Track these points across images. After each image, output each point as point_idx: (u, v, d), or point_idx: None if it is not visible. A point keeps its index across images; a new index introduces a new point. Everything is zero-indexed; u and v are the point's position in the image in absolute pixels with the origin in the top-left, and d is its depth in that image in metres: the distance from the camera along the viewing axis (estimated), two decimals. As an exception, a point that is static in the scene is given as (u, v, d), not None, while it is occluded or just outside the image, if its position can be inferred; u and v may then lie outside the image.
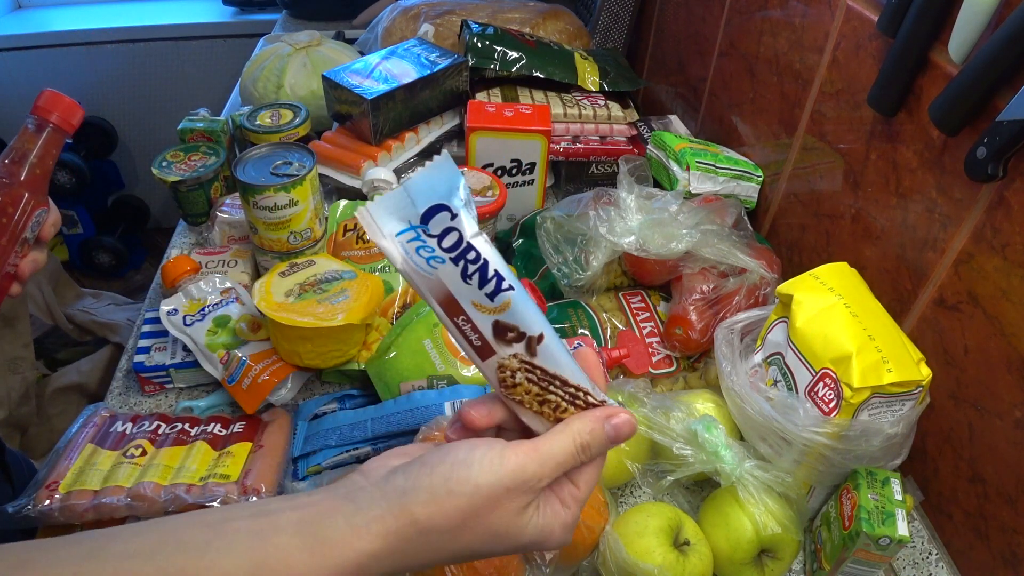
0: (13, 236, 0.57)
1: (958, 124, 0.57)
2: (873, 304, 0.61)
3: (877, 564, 0.57)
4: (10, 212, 0.56)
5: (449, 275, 0.37)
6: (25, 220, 0.57)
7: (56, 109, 0.59)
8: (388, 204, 0.37)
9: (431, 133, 1.02)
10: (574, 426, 0.38)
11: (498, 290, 0.37)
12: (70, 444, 0.63)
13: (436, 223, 0.36)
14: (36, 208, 0.58)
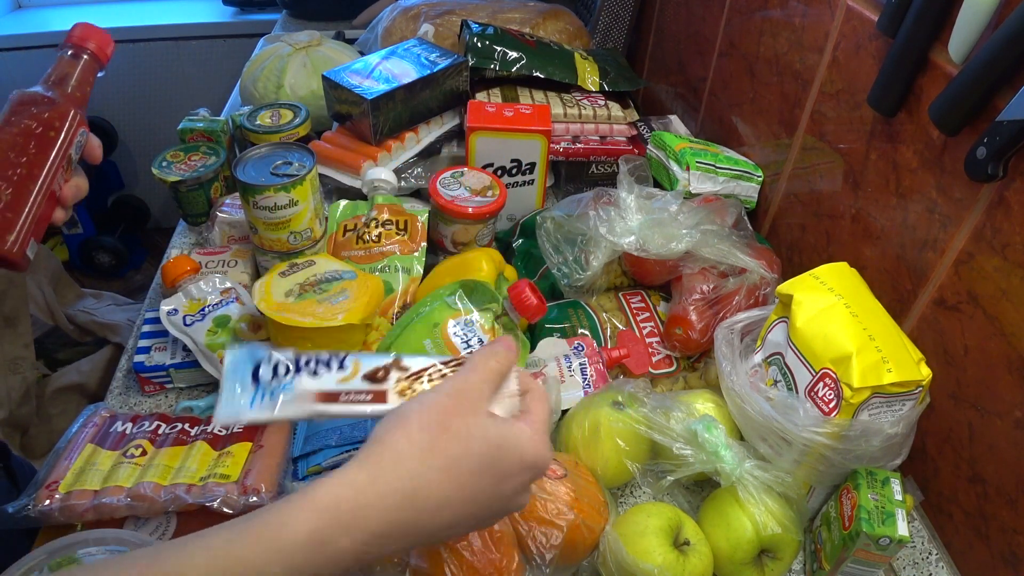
0: (60, 152, 0.55)
1: (958, 124, 0.57)
2: (873, 304, 0.61)
3: (877, 564, 0.57)
4: (57, 127, 0.55)
5: (304, 382, 0.43)
6: (71, 137, 0.55)
7: (93, 38, 0.58)
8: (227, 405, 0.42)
9: (431, 133, 1.02)
10: (474, 356, 0.43)
11: (341, 363, 0.44)
12: (70, 444, 0.63)
13: (264, 374, 0.43)
14: (80, 126, 0.57)
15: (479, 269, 0.78)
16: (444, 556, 0.53)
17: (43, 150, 0.53)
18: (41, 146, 0.53)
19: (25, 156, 0.52)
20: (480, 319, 0.71)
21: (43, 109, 0.54)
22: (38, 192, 0.53)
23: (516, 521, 0.57)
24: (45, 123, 0.54)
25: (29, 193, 0.52)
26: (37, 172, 0.53)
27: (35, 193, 0.53)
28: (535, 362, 0.73)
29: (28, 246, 0.52)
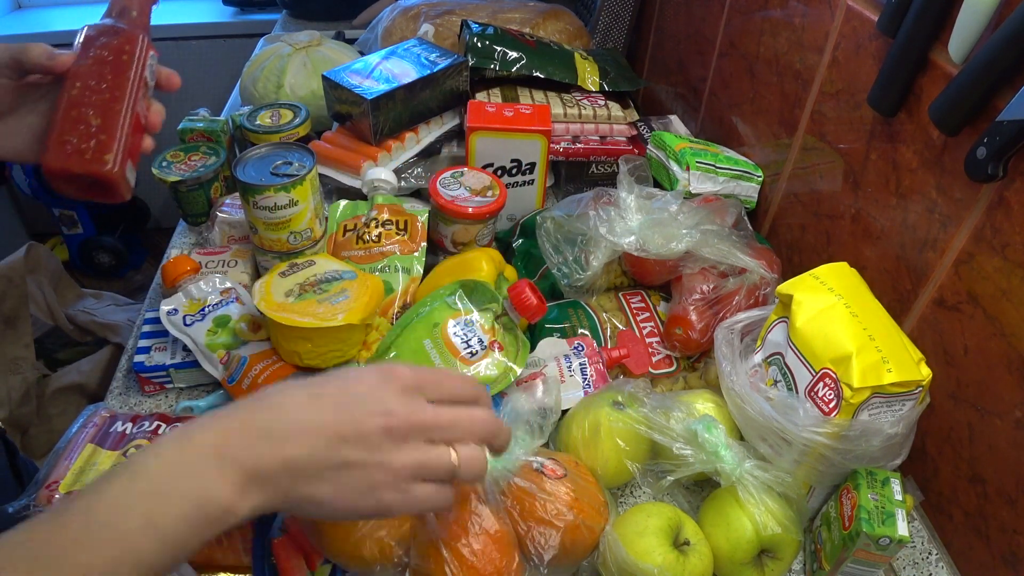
0: (136, 75, 0.56)
1: (958, 124, 0.57)
2: (873, 304, 0.61)
3: (877, 564, 0.57)
4: (128, 51, 0.56)
5: None
6: (143, 60, 0.57)
7: None
8: None
9: (431, 133, 1.02)
10: None
11: None
12: (70, 444, 0.63)
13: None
14: (148, 50, 0.58)
15: (479, 269, 0.78)
16: (444, 556, 0.53)
17: (120, 74, 0.55)
18: (117, 71, 0.55)
19: (105, 83, 0.54)
20: (480, 319, 0.71)
21: (111, 38, 0.56)
22: (124, 113, 0.55)
23: (516, 521, 0.57)
24: (116, 50, 0.56)
25: (117, 114, 0.54)
26: (120, 94, 0.55)
27: (122, 114, 0.55)
28: (535, 362, 0.73)
29: (127, 168, 0.55)
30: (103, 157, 0.53)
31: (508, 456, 0.59)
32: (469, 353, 0.69)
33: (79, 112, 0.53)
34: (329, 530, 0.56)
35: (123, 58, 0.56)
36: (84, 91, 0.54)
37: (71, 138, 0.53)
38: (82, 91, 0.54)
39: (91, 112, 0.54)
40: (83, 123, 0.53)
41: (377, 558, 0.55)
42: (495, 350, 0.70)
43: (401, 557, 0.55)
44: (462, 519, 0.55)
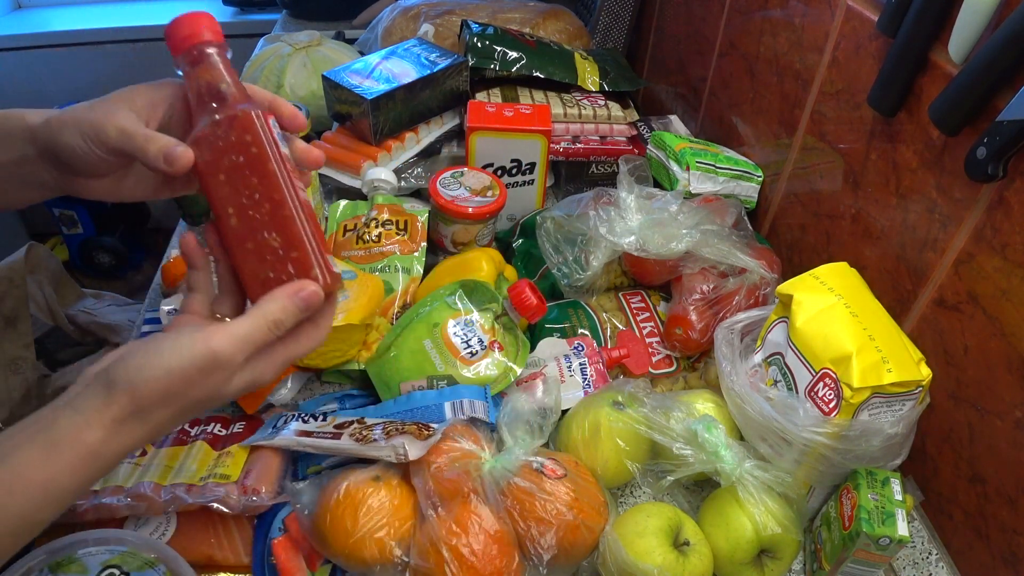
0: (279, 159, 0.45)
1: (958, 124, 0.57)
2: (873, 304, 0.61)
3: (877, 564, 0.57)
4: (253, 139, 0.45)
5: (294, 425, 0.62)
6: (271, 134, 0.46)
7: (199, 29, 0.50)
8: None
9: (431, 133, 1.02)
10: (265, 307, 0.42)
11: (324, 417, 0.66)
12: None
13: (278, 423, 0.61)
14: (267, 119, 0.46)
15: (479, 269, 0.78)
16: (445, 556, 0.53)
17: (264, 172, 0.45)
18: (259, 171, 0.45)
19: (256, 192, 0.45)
20: (480, 319, 0.71)
21: (226, 134, 0.45)
22: (296, 212, 0.45)
23: (516, 521, 0.57)
24: (242, 147, 0.45)
25: (291, 220, 0.44)
26: (279, 195, 0.45)
27: (295, 215, 0.45)
28: (535, 362, 0.73)
29: (331, 264, 0.46)
30: (310, 273, 0.44)
31: (508, 456, 0.59)
32: (469, 353, 0.69)
33: (254, 242, 0.44)
34: (329, 530, 0.56)
35: (254, 151, 0.45)
36: (242, 216, 0.45)
37: (265, 272, 0.44)
38: (240, 217, 0.45)
39: (265, 234, 0.45)
40: (266, 251, 0.45)
41: (377, 558, 0.55)
42: (495, 350, 0.70)
43: (401, 557, 0.56)
44: (462, 519, 0.55)
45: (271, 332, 0.42)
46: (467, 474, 0.58)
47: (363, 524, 0.55)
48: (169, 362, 0.40)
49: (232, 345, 0.41)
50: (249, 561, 0.60)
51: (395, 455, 0.59)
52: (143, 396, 0.40)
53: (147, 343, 0.42)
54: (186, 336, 0.41)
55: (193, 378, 0.41)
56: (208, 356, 0.41)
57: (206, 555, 0.60)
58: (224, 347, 0.41)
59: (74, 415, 0.40)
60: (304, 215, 0.45)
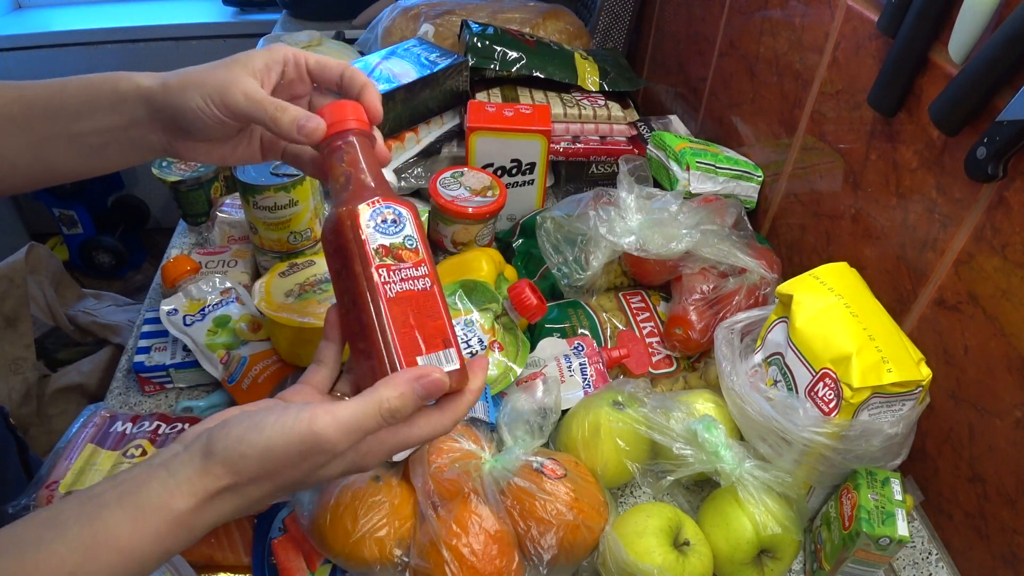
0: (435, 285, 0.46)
1: (958, 124, 0.57)
2: (873, 304, 0.61)
3: (877, 564, 0.57)
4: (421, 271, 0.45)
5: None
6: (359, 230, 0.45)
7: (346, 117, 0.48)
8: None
9: (431, 133, 1.02)
10: (380, 392, 0.40)
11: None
12: (70, 444, 0.63)
13: None
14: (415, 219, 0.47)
15: (479, 269, 0.78)
16: (445, 556, 0.53)
17: (350, 272, 0.45)
18: (347, 271, 0.45)
19: (345, 292, 0.45)
20: (480, 319, 0.71)
21: (330, 228, 0.46)
22: (376, 319, 0.44)
23: (516, 521, 0.57)
24: (335, 246, 0.45)
25: (372, 328, 0.44)
26: (362, 300, 0.44)
27: (375, 325, 0.44)
28: (535, 362, 0.73)
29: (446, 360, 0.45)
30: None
31: (508, 456, 0.59)
32: (469, 353, 0.69)
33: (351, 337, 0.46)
34: (329, 530, 0.56)
35: (343, 250, 0.45)
36: (343, 310, 0.47)
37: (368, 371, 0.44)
38: (343, 310, 0.47)
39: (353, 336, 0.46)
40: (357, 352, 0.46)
41: (377, 558, 0.55)
42: (495, 350, 0.70)
43: (401, 557, 0.56)
44: (462, 519, 0.55)
45: (383, 421, 0.40)
46: (467, 474, 0.58)
47: (363, 524, 0.55)
48: (270, 439, 0.38)
49: (337, 431, 0.39)
50: (249, 561, 0.60)
51: None
52: (240, 471, 0.38)
53: (252, 415, 0.40)
54: (291, 414, 0.39)
55: (292, 459, 0.39)
56: (309, 439, 0.38)
57: (206, 555, 0.60)
58: (328, 432, 0.39)
59: (168, 479, 0.38)
60: (388, 318, 0.43)
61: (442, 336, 0.44)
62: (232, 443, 0.39)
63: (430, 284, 0.45)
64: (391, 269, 0.44)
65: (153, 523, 0.37)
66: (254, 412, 0.40)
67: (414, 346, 0.43)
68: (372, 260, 0.44)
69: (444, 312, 0.45)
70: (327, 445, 0.39)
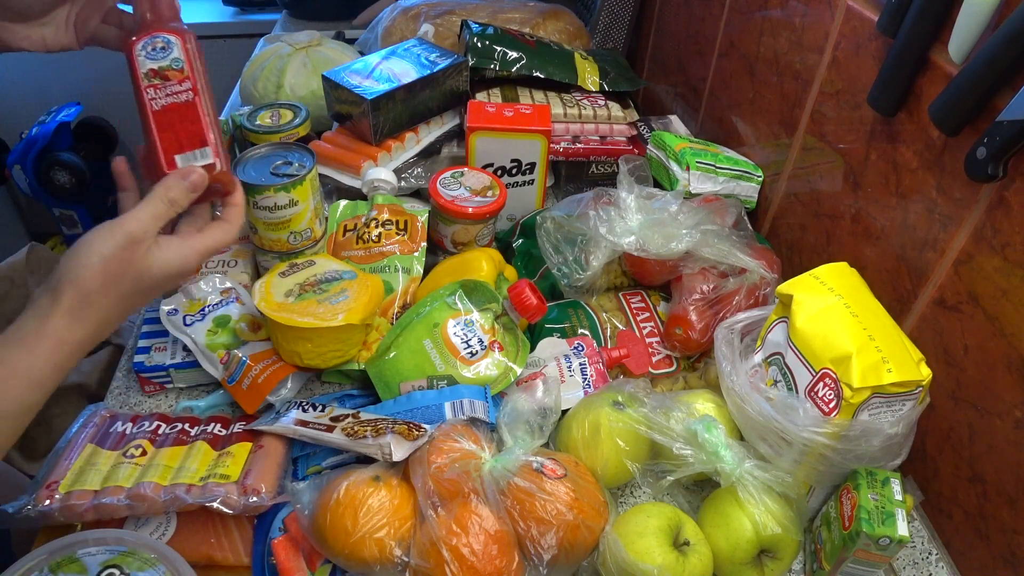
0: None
1: (958, 124, 0.57)
2: (873, 304, 0.61)
3: (877, 564, 0.57)
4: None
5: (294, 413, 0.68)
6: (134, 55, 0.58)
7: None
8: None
9: (431, 133, 1.02)
10: (158, 189, 0.53)
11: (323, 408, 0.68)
12: (70, 444, 0.63)
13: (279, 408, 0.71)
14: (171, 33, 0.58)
15: (479, 269, 0.78)
16: (445, 556, 0.53)
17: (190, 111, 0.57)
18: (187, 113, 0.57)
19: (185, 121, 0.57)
20: (480, 319, 0.71)
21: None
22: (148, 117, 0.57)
23: (516, 521, 0.57)
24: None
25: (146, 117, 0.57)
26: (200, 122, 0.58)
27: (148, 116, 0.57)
28: (535, 362, 0.73)
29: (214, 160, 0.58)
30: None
31: (508, 456, 0.59)
32: (469, 353, 0.69)
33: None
34: (329, 530, 0.56)
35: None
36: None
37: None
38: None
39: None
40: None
41: (377, 558, 0.55)
42: (495, 350, 0.70)
43: (401, 557, 0.56)
44: (462, 519, 0.55)
45: (170, 207, 0.52)
46: (467, 474, 0.58)
47: (363, 524, 0.55)
48: (99, 248, 0.49)
49: (140, 222, 0.51)
50: (249, 561, 0.60)
51: (380, 454, 0.59)
52: (85, 282, 0.48)
53: (76, 245, 0.50)
54: (105, 228, 0.50)
55: (121, 257, 0.49)
56: (125, 236, 0.50)
57: (206, 555, 0.60)
58: (133, 225, 0.50)
59: (34, 314, 0.48)
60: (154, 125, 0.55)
61: (199, 137, 0.56)
62: (74, 264, 0.49)
63: (192, 96, 0.56)
64: (156, 88, 0.56)
65: (41, 346, 0.48)
66: (78, 243, 0.50)
67: (175, 146, 0.55)
68: (142, 81, 0.56)
69: (204, 118, 0.57)
70: (138, 234, 0.50)
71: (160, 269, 0.52)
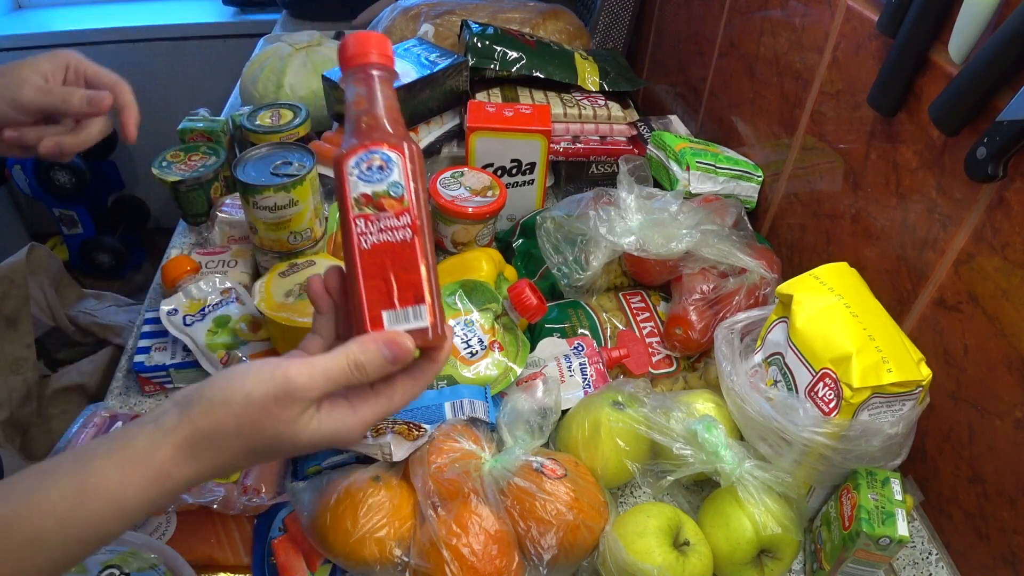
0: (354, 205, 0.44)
1: (958, 124, 0.57)
2: (873, 304, 0.61)
3: (877, 564, 0.57)
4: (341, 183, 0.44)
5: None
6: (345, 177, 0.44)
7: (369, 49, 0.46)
8: None
9: (431, 133, 1.02)
10: (350, 347, 0.42)
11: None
12: (70, 444, 0.63)
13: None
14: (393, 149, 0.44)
15: (479, 269, 0.78)
16: (445, 556, 0.53)
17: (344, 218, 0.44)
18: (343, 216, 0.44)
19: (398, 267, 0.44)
20: (480, 319, 0.71)
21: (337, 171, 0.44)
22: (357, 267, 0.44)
23: (516, 521, 0.57)
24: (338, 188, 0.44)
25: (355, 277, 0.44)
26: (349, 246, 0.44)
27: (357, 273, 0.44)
28: (535, 362, 0.73)
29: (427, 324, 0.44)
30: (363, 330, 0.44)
31: (508, 456, 0.59)
32: (469, 353, 0.69)
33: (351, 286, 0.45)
34: (329, 530, 0.56)
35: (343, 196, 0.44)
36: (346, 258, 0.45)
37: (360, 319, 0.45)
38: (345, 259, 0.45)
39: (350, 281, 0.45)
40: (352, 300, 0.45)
41: (377, 558, 0.55)
42: (495, 350, 0.70)
43: (401, 557, 0.56)
44: (462, 519, 0.55)
45: (350, 373, 0.41)
46: (467, 474, 0.58)
47: (363, 524, 0.55)
48: (250, 388, 0.40)
49: (309, 377, 0.40)
50: (249, 561, 0.60)
51: (380, 454, 0.59)
52: (217, 419, 0.40)
53: (233, 369, 0.42)
54: (271, 365, 0.41)
55: (268, 407, 0.40)
56: (284, 386, 0.40)
57: (206, 555, 0.60)
58: (300, 378, 0.40)
59: (155, 432, 0.40)
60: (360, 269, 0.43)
61: (415, 291, 0.43)
62: (215, 391, 0.40)
63: (411, 235, 0.43)
64: (369, 219, 0.43)
65: (139, 473, 0.39)
66: (236, 367, 0.42)
67: (384, 298, 0.43)
68: (351, 209, 0.43)
69: (423, 264, 0.44)
70: (300, 392, 0.40)
71: (309, 438, 0.41)
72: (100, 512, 0.38)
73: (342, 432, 0.42)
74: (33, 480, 0.39)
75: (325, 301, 0.46)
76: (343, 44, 0.46)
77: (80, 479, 0.39)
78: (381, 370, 0.42)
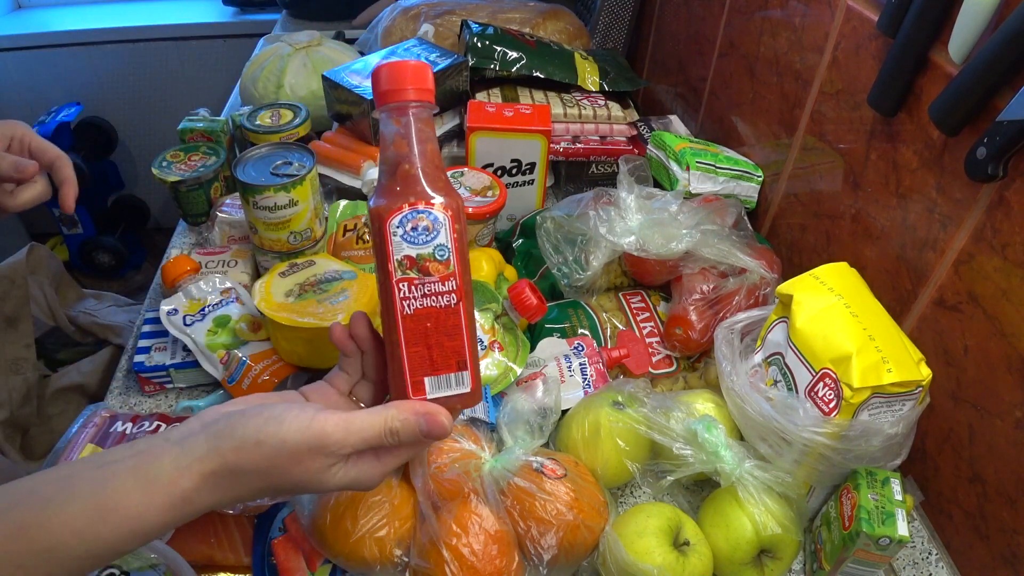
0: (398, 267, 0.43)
1: (958, 124, 0.57)
2: (873, 304, 0.61)
3: (877, 564, 0.57)
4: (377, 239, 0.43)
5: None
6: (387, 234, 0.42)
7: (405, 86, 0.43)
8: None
9: (431, 133, 1.02)
10: (389, 411, 0.42)
11: None
12: (70, 444, 0.63)
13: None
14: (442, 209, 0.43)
15: (479, 269, 0.78)
16: (445, 556, 0.53)
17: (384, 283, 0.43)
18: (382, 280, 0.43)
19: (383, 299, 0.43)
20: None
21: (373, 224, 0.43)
22: (400, 336, 0.43)
23: (516, 521, 0.57)
24: (375, 246, 0.43)
25: (397, 345, 0.43)
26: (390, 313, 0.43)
27: (399, 342, 0.43)
28: (535, 362, 0.73)
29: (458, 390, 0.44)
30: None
31: (508, 456, 0.59)
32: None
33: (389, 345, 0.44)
34: (329, 530, 0.56)
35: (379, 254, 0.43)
36: (383, 318, 0.44)
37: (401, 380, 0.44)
38: (382, 318, 0.44)
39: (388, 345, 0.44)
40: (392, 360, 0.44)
41: (377, 558, 0.55)
42: (495, 350, 0.70)
43: (401, 557, 0.56)
44: (462, 519, 0.55)
45: (384, 438, 0.42)
46: (467, 474, 0.58)
47: (363, 524, 0.55)
48: (287, 433, 0.40)
49: (345, 433, 0.41)
50: (249, 561, 0.60)
51: None
52: (249, 459, 0.40)
53: (272, 407, 0.42)
54: (309, 413, 0.41)
55: (300, 456, 0.40)
56: (319, 438, 0.40)
57: (206, 555, 0.60)
58: (336, 434, 0.40)
59: (180, 457, 0.40)
60: (402, 334, 0.42)
61: (457, 357, 0.43)
62: (250, 431, 0.40)
63: (455, 301, 0.42)
64: (413, 283, 0.42)
65: (160, 497, 0.39)
66: (273, 405, 0.42)
67: (425, 364, 0.43)
68: (394, 273, 0.42)
69: (465, 330, 0.43)
70: (333, 447, 0.40)
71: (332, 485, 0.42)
72: (119, 529, 0.39)
73: (363, 481, 0.43)
74: (53, 488, 0.39)
75: (350, 346, 0.47)
76: (377, 75, 0.43)
77: (101, 495, 0.39)
78: (414, 440, 0.42)
